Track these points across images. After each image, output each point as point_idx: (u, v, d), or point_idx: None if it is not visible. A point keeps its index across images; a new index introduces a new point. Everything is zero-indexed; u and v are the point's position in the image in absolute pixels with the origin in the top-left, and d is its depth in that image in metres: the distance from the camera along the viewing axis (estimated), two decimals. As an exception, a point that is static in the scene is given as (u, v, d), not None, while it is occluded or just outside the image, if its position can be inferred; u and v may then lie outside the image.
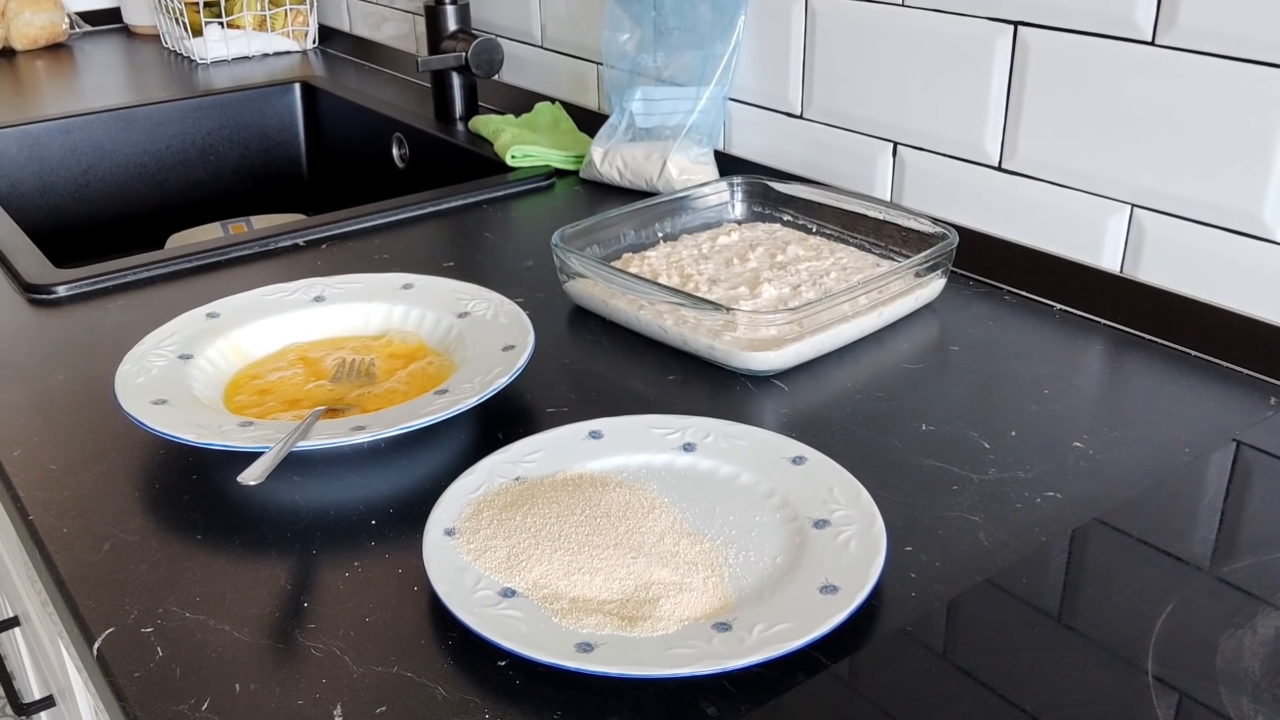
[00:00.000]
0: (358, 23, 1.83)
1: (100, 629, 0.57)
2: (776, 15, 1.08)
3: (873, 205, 0.97)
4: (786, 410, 0.76)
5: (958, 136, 0.96)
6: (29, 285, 0.97)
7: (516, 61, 1.47)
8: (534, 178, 1.21)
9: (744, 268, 0.92)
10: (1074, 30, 0.85)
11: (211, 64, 1.80)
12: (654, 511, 0.62)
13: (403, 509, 0.66)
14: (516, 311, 0.82)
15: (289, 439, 0.66)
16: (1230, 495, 0.64)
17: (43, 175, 1.48)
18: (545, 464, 0.67)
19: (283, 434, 0.67)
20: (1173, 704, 0.48)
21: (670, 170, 1.12)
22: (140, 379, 0.74)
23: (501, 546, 0.59)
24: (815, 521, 0.61)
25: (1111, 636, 0.52)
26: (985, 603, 0.55)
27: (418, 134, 1.43)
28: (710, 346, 0.80)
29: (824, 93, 1.06)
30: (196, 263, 1.02)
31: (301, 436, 0.67)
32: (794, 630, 0.53)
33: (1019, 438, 0.72)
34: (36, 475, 0.70)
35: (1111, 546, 0.59)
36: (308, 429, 0.68)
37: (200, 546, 0.64)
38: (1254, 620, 0.53)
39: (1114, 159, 0.85)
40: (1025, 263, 0.92)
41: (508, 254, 1.03)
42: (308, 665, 0.55)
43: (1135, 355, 0.83)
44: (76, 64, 1.83)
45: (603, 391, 0.79)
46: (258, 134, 1.64)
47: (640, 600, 0.56)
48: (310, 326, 0.84)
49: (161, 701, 0.53)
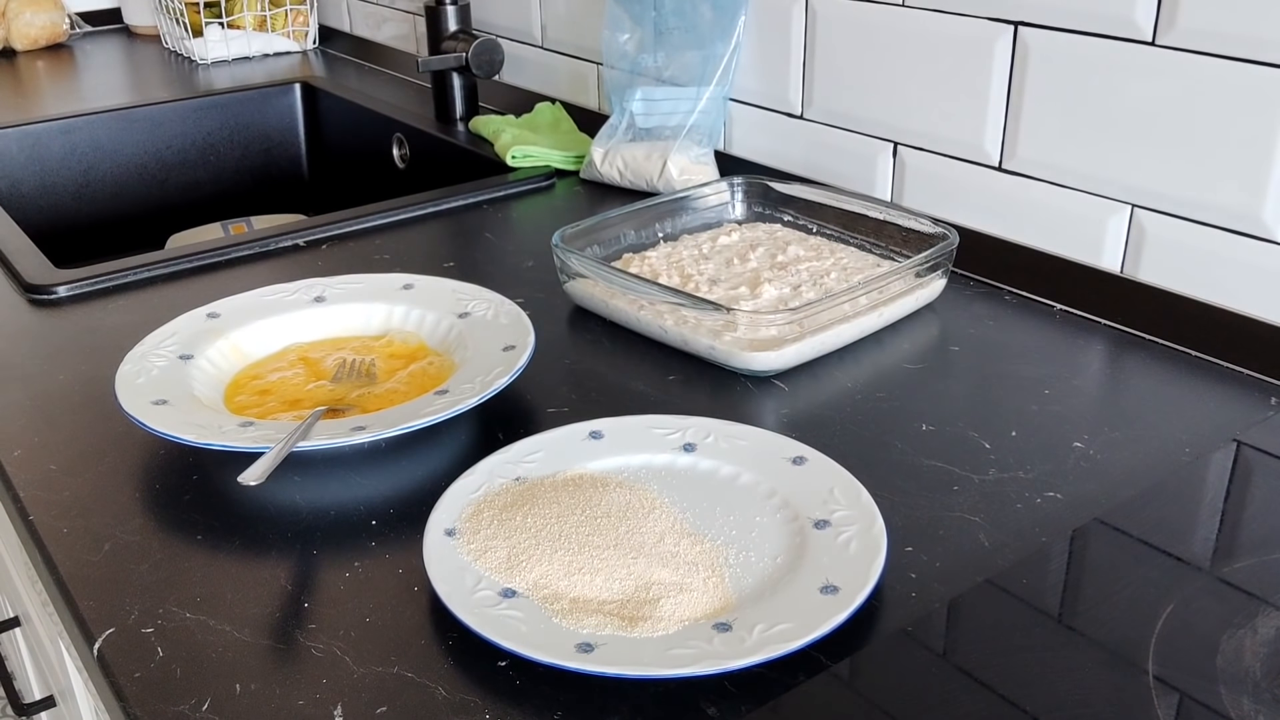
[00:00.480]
0: (358, 23, 1.83)
1: (101, 629, 0.57)
2: (777, 15, 1.08)
3: (873, 205, 0.97)
4: (787, 410, 0.76)
5: (958, 137, 0.96)
6: (29, 286, 0.97)
7: (517, 62, 1.47)
8: (534, 178, 1.21)
9: (744, 268, 0.92)
10: (1074, 30, 0.85)
11: (212, 64, 1.80)
12: (654, 512, 0.62)
13: (403, 509, 0.66)
14: (517, 312, 0.82)
15: (289, 439, 0.66)
16: (1231, 495, 0.64)
17: (43, 176, 1.48)
18: (546, 464, 0.67)
19: (283, 434, 0.67)
20: (1173, 704, 0.48)
21: (670, 170, 1.12)
22: (141, 379, 0.74)
23: (502, 547, 0.59)
24: (816, 522, 0.61)
25: (1112, 637, 0.52)
26: (986, 603, 0.55)
27: (418, 134, 1.43)
28: (711, 347, 0.80)
29: (824, 93, 1.06)
30: (197, 263, 1.02)
31: (302, 437, 0.67)
32: (794, 630, 0.53)
33: (1019, 438, 0.72)
34: (37, 475, 0.70)
35: (1112, 547, 0.59)
36: (308, 429, 0.68)
37: (201, 547, 0.64)
38: (1254, 620, 0.53)
39: (1114, 159, 0.85)
40: (1025, 263, 0.92)
41: (508, 254, 1.03)
42: (308, 665, 0.55)
43: (1135, 355, 0.83)
44: (77, 64, 1.83)
45: (603, 392, 0.79)
46: (258, 134, 1.64)
47: (641, 600, 0.56)
48: (311, 327, 0.84)
49: (162, 702, 0.53)
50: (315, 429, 0.68)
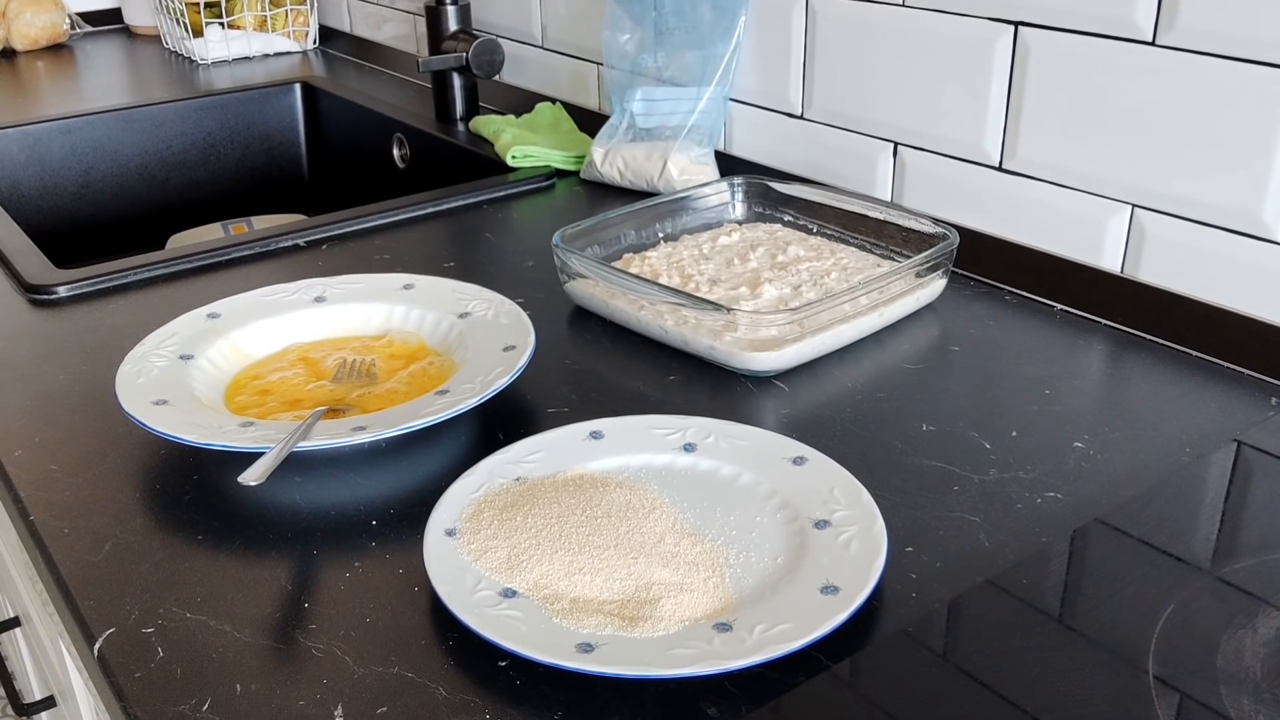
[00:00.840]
0: (358, 23, 1.83)
1: (101, 629, 0.57)
2: (777, 15, 1.08)
3: (873, 205, 0.97)
4: (787, 411, 0.76)
5: (958, 137, 0.96)
6: (30, 286, 0.97)
7: (517, 62, 1.47)
8: (534, 178, 1.21)
9: (745, 268, 0.92)
10: (1074, 30, 0.85)
11: (212, 64, 1.80)
12: (655, 512, 0.62)
13: (403, 509, 0.66)
14: (517, 312, 0.82)
15: (290, 439, 0.66)
16: (1231, 495, 0.64)
17: (44, 176, 1.48)
18: (546, 464, 0.67)
19: (283, 434, 0.67)
20: (1173, 704, 0.48)
21: (671, 170, 1.12)
22: (141, 379, 0.74)
23: (502, 547, 0.59)
24: (816, 522, 0.61)
25: (1112, 637, 0.52)
26: (986, 603, 0.55)
27: (418, 134, 1.43)
28: (711, 347, 0.80)
29: (824, 93, 1.06)
30: (197, 263, 1.02)
31: (302, 437, 0.67)
32: (795, 631, 0.53)
33: (1020, 438, 0.72)
34: (37, 475, 0.70)
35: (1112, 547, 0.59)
36: (308, 429, 0.68)
37: (201, 547, 0.64)
38: (1255, 620, 0.53)
39: (1114, 159, 0.85)
40: (1026, 263, 0.92)
41: (508, 254, 1.03)
42: (308, 666, 0.55)
43: (1136, 355, 0.83)
44: (77, 64, 1.83)
45: (603, 392, 0.79)
46: (258, 134, 1.64)
47: (641, 600, 0.56)
48: (311, 327, 0.84)
49: (162, 702, 0.53)
50: (315, 429, 0.68)
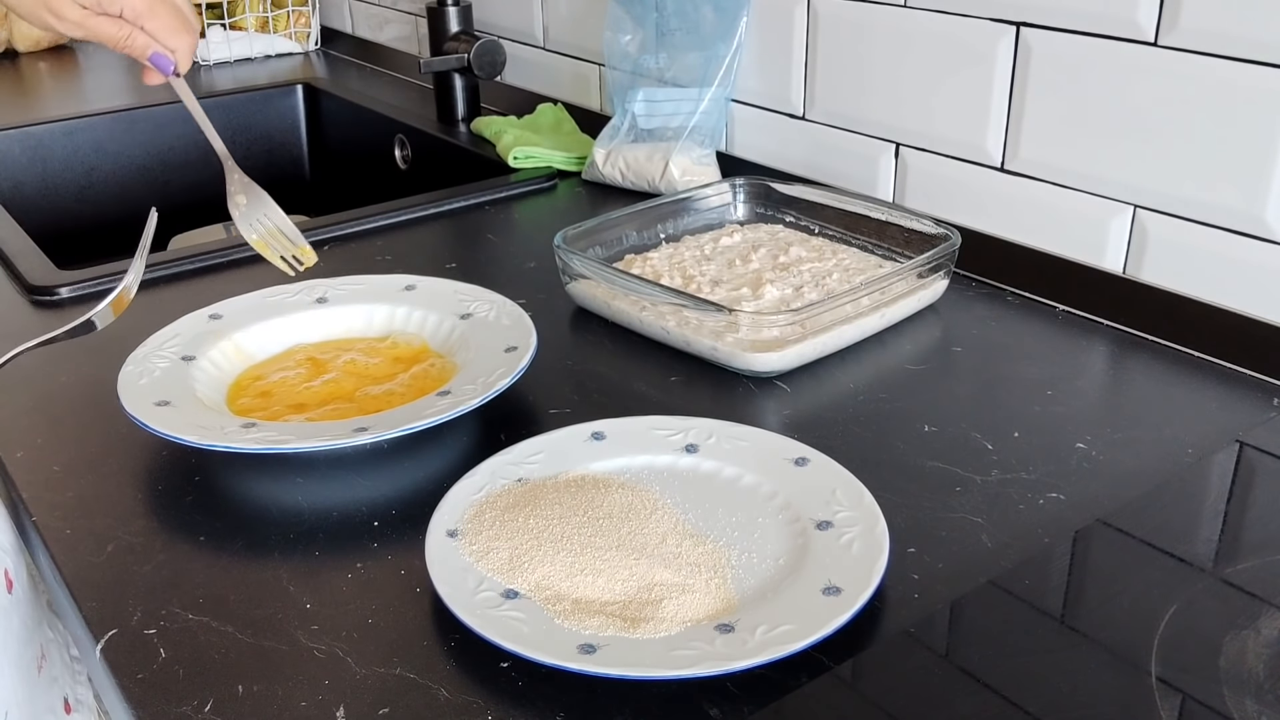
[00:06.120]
0: (360, 24, 1.84)
1: (103, 630, 0.57)
2: (779, 16, 1.08)
3: (875, 206, 0.97)
4: (789, 411, 0.76)
5: (960, 137, 0.96)
6: (32, 287, 0.97)
7: (519, 63, 1.47)
8: (536, 179, 1.21)
9: (746, 269, 0.92)
10: (1076, 31, 0.85)
11: (214, 65, 1.80)
12: (656, 513, 0.62)
13: (405, 510, 0.66)
14: (519, 313, 0.82)
15: (140, 253, 0.72)
16: (1233, 496, 0.64)
17: (45, 177, 1.48)
18: (548, 465, 0.67)
19: (286, 434, 0.67)
20: (1176, 706, 0.48)
21: (672, 171, 1.12)
22: (143, 380, 0.74)
23: (504, 548, 0.59)
24: (818, 523, 0.61)
25: (1114, 638, 0.52)
26: (988, 604, 0.55)
27: (420, 135, 1.43)
28: (713, 348, 0.80)
29: (826, 94, 1.06)
30: (199, 264, 1.03)
31: (148, 246, 0.73)
32: (797, 632, 0.53)
33: (1022, 439, 0.72)
34: (40, 476, 0.70)
35: (1115, 548, 0.59)
36: (149, 236, 0.74)
37: (203, 548, 0.64)
38: (1257, 621, 0.53)
39: (1116, 160, 0.85)
40: (1028, 263, 0.92)
41: (510, 255, 1.03)
42: (310, 666, 0.55)
43: (1138, 356, 0.83)
44: (79, 66, 1.83)
45: (605, 393, 0.79)
46: (260, 135, 1.64)
47: (643, 601, 0.56)
48: (313, 328, 0.84)
49: (165, 703, 0.53)
50: (318, 431, 0.68)
